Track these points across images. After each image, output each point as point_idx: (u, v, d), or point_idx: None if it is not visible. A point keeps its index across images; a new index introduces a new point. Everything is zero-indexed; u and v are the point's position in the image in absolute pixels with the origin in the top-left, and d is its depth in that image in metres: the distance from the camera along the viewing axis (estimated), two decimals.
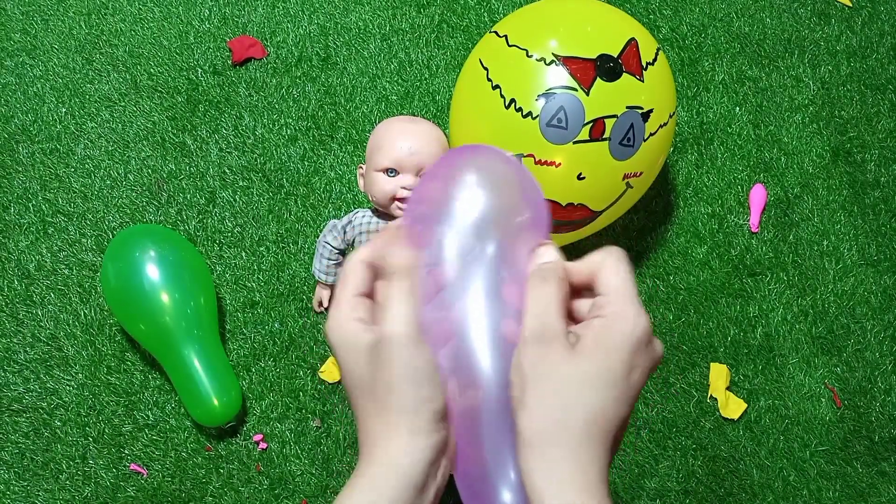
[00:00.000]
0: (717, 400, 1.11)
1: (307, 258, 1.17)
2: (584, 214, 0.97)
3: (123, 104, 1.29)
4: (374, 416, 0.35)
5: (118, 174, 1.23)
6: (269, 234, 1.19)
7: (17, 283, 1.16)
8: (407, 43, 1.34)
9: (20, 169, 1.24)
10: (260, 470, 1.07)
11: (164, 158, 1.24)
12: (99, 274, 1.14)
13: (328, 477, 1.06)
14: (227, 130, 1.26)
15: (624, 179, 0.95)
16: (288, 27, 1.34)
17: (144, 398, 1.10)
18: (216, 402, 1.02)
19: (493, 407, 0.36)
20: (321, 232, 1.08)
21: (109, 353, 1.12)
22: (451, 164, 0.39)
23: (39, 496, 1.05)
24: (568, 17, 0.96)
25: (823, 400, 1.12)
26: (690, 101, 1.30)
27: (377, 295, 0.38)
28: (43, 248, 1.18)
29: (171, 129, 1.27)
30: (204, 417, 1.03)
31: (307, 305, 1.15)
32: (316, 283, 1.12)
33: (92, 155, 1.25)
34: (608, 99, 0.89)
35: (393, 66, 1.31)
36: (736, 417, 1.10)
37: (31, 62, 1.32)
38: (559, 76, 0.89)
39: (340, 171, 1.23)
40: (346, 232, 1.03)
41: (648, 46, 0.94)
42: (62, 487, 1.05)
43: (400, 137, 0.98)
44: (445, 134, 1.05)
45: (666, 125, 0.96)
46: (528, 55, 0.91)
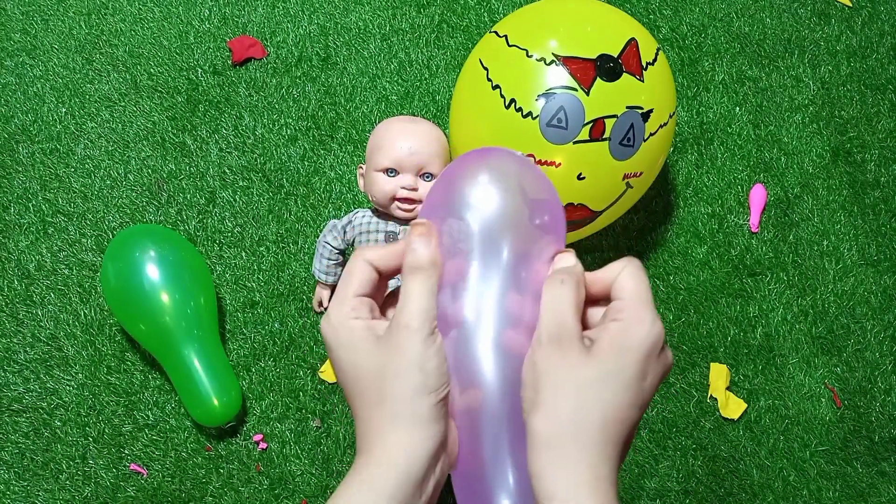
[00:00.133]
0: (717, 400, 1.11)
1: (307, 258, 1.17)
2: (584, 214, 0.97)
3: (123, 104, 1.29)
4: (374, 408, 0.35)
5: (118, 174, 1.24)
6: (269, 234, 1.19)
7: (17, 283, 1.16)
8: (407, 43, 1.34)
9: (20, 169, 1.24)
10: (260, 470, 1.07)
11: (164, 158, 1.24)
12: (99, 274, 1.14)
13: (328, 477, 1.06)
14: (227, 130, 1.26)
15: (624, 179, 0.95)
16: (288, 27, 1.34)
17: (144, 398, 1.10)
18: (216, 402, 1.02)
19: (493, 407, 0.36)
20: (321, 232, 1.08)
21: (109, 353, 1.12)
22: (466, 163, 0.39)
23: (39, 496, 1.05)
24: (568, 17, 0.96)
25: (823, 400, 1.12)
26: (690, 101, 1.30)
27: (378, 297, 0.38)
28: (43, 248, 1.18)
29: (171, 129, 1.27)
30: (204, 417, 1.03)
31: (307, 305, 1.15)
32: (316, 283, 1.12)
33: (92, 155, 1.25)
34: (608, 99, 0.89)
35: (393, 66, 1.31)
36: (736, 417, 1.10)
37: (31, 62, 1.32)
38: (559, 76, 0.89)
39: (340, 171, 1.23)
40: (346, 232, 1.03)
41: (648, 46, 0.94)
42: (62, 487, 1.05)
43: (400, 137, 0.98)
44: (445, 134, 1.05)
45: (666, 125, 0.96)
46: (528, 55, 0.91)
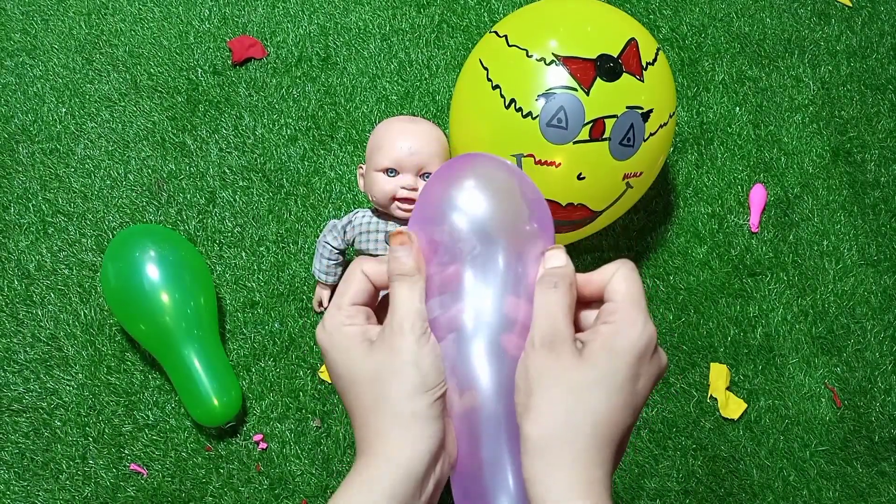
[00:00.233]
0: (717, 400, 1.11)
1: (307, 258, 1.17)
2: (584, 214, 0.97)
3: (123, 104, 1.29)
4: (372, 410, 0.35)
5: (118, 174, 1.24)
6: (269, 234, 1.19)
7: (17, 283, 1.16)
8: (407, 43, 1.34)
9: (20, 169, 1.24)
10: (260, 470, 1.07)
11: (164, 158, 1.24)
12: (99, 274, 1.14)
13: (328, 477, 1.06)
14: (227, 130, 1.26)
15: (624, 179, 0.95)
16: (288, 27, 1.34)
17: (144, 398, 1.10)
18: (216, 402, 1.02)
19: (490, 409, 0.36)
20: (321, 232, 1.08)
21: (109, 353, 1.12)
22: (453, 169, 0.39)
23: (39, 496, 1.05)
24: (568, 17, 0.96)
25: (823, 400, 1.12)
26: (690, 101, 1.30)
27: (375, 306, 0.39)
28: (43, 248, 1.18)
29: (171, 129, 1.27)
30: (204, 417, 1.03)
31: (307, 305, 1.15)
32: (316, 283, 1.12)
33: (92, 155, 1.25)
34: (608, 99, 0.89)
35: (393, 66, 1.31)
36: (736, 417, 1.10)
37: (31, 62, 1.32)
38: (559, 76, 0.89)
39: (340, 171, 1.23)
40: (346, 232, 1.03)
41: (648, 46, 0.94)
42: (62, 487, 1.05)
43: (400, 137, 0.98)
44: (445, 134, 1.05)
45: (666, 125, 0.96)
46: (528, 55, 0.91)
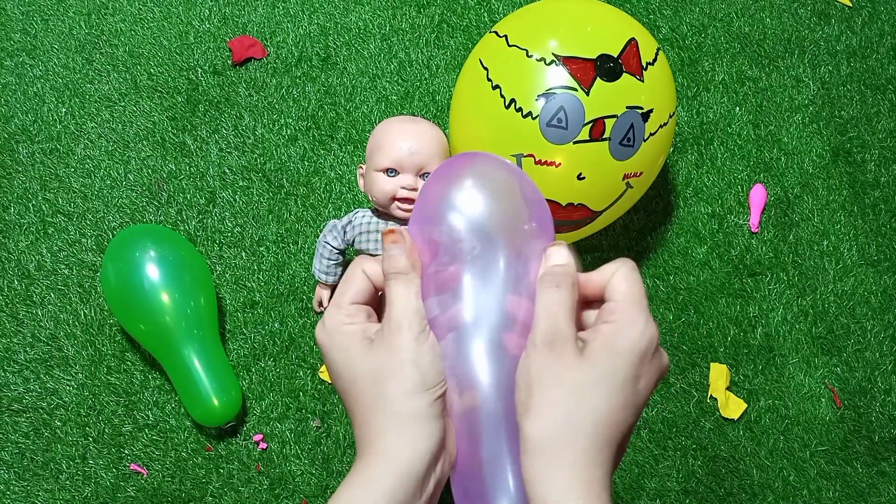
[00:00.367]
0: (717, 400, 1.11)
1: (307, 258, 1.17)
2: (584, 214, 0.97)
3: (123, 104, 1.29)
4: (372, 409, 0.35)
5: (118, 174, 1.24)
6: (269, 234, 1.19)
7: (17, 283, 1.16)
8: (407, 43, 1.34)
9: (20, 169, 1.24)
10: (260, 470, 1.07)
11: (164, 158, 1.24)
12: (99, 274, 1.14)
13: (328, 477, 1.06)
14: (227, 130, 1.26)
15: (624, 179, 0.95)
16: (288, 27, 1.34)
17: (144, 398, 1.10)
18: (216, 402, 1.02)
19: (490, 408, 0.36)
20: (321, 232, 1.08)
21: (109, 353, 1.12)
22: (452, 168, 0.39)
23: (39, 496, 1.05)
24: (568, 17, 0.96)
25: (823, 400, 1.12)
26: (690, 101, 1.30)
27: (376, 305, 0.39)
28: (43, 248, 1.18)
29: (171, 129, 1.27)
30: (204, 417, 1.03)
31: (307, 305, 1.15)
32: (316, 283, 1.12)
33: (92, 155, 1.25)
34: (608, 99, 0.89)
35: (393, 66, 1.31)
36: (736, 417, 1.10)
37: (31, 62, 1.32)
38: (559, 76, 0.89)
39: (340, 171, 1.23)
40: (346, 232, 1.03)
41: (648, 46, 0.94)
42: (62, 487, 1.05)
43: (400, 137, 0.98)
44: (445, 134, 1.05)
45: (666, 125, 0.96)
46: (528, 55, 0.91)
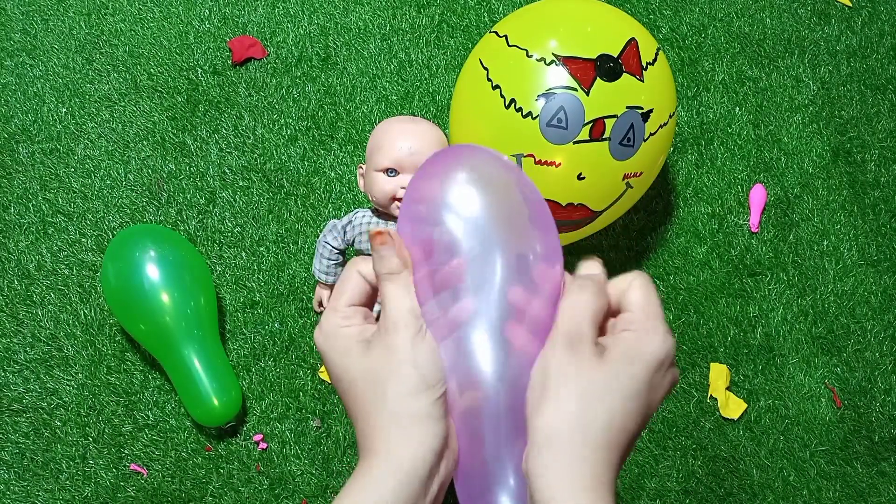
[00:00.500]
0: (717, 400, 1.11)
1: (307, 258, 1.17)
2: (584, 214, 0.97)
3: (123, 104, 1.29)
4: (373, 411, 0.35)
5: (118, 174, 1.24)
6: (269, 234, 1.19)
7: (17, 283, 1.16)
8: (407, 43, 1.34)
9: (20, 169, 1.24)
10: (260, 470, 1.07)
11: (164, 158, 1.24)
12: (99, 274, 1.14)
13: (328, 477, 1.06)
14: (227, 130, 1.26)
15: (624, 179, 0.95)
16: (288, 27, 1.34)
17: (144, 398, 1.10)
18: (216, 402, 1.02)
19: (493, 408, 0.36)
20: (321, 232, 1.08)
21: (109, 353, 1.12)
22: (445, 162, 0.38)
23: (39, 496, 1.05)
24: (568, 17, 0.96)
25: (823, 400, 1.12)
26: (690, 101, 1.30)
27: (371, 305, 0.39)
28: (43, 248, 1.18)
29: (171, 129, 1.27)
30: (204, 417, 1.03)
31: (307, 305, 1.15)
32: (316, 283, 1.12)
33: (92, 155, 1.25)
34: (608, 99, 0.89)
35: (393, 66, 1.31)
36: (736, 417, 1.10)
37: (31, 62, 1.32)
38: (559, 76, 0.89)
39: (340, 171, 1.23)
40: (346, 232, 1.03)
41: (648, 46, 0.94)
42: (62, 487, 1.05)
43: (400, 137, 0.98)
44: (445, 134, 1.05)
45: (666, 125, 0.96)
46: (528, 55, 0.91)
